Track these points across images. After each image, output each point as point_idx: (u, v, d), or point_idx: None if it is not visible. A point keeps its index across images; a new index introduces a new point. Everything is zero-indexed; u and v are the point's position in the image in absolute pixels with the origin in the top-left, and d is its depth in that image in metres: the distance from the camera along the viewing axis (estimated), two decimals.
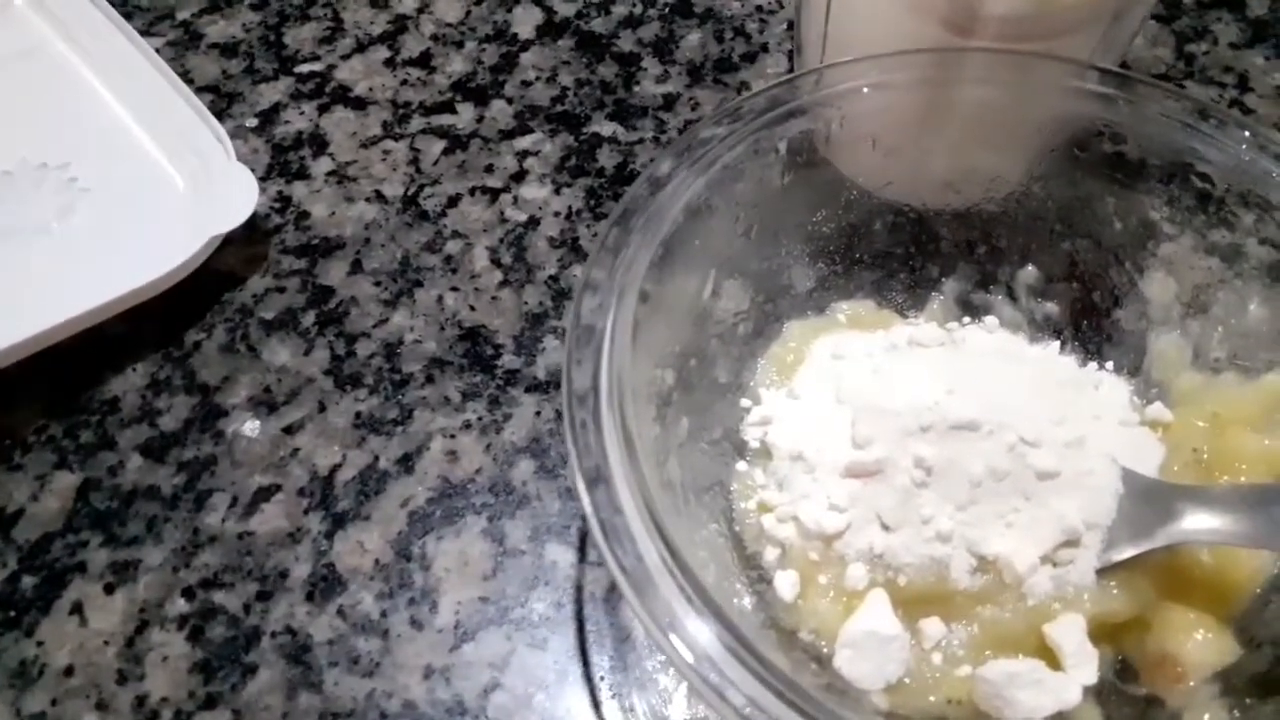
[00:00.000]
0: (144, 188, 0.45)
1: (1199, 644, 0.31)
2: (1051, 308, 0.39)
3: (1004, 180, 0.39)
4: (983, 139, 0.39)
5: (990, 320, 0.39)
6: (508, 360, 0.41)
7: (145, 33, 0.51)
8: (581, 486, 0.27)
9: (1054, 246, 0.39)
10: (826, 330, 0.38)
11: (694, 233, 0.34)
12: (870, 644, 0.30)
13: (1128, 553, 0.32)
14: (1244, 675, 0.30)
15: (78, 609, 0.35)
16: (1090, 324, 0.39)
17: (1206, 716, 0.29)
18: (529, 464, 0.39)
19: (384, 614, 0.35)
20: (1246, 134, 0.34)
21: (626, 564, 0.26)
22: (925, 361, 0.37)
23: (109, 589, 0.35)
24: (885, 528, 0.32)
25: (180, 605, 0.35)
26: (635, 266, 0.32)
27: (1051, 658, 0.31)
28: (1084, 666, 0.31)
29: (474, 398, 0.40)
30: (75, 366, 0.40)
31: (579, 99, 0.50)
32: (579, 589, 0.36)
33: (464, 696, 0.33)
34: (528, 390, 0.41)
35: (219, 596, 0.35)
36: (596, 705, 0.33)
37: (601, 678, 0.34)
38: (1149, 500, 0.32)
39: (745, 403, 0.37)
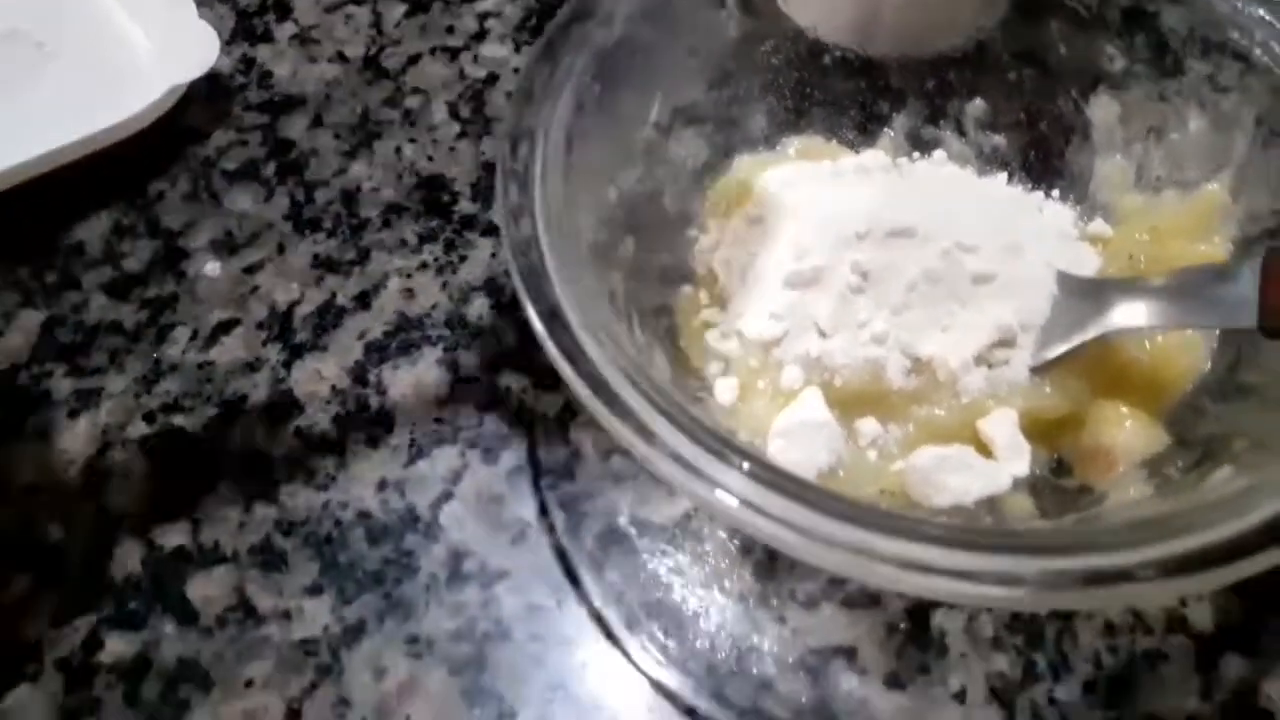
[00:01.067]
0: (110, 50, 0.45)
1: (1129, 432, 0.31)
2: (999, 140, 0.39)
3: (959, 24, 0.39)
4: None
5: (939, 154, 0.40)
6: (464, 206, 0.42)
7: None
8: (537, 321, 0.27)
9: (1001, 76, 0.39)
10: (776, 163, 0.39)
11: (633, 62, 0.34)
12: (802, 433, 0.31)
13: (1061, 348, 0.32)
14: (1173, 464, 0.31)
15: (42, 432, 0.36)
16: (1037, 155, 0.39)
17: (1131, 491, 0.30)
18: (484, 301, 0.39)
19: (340, 434, 0.36)
20: None
21: (585, 376, 0.26)
22: (871, 181, 0.37)
23: (73, 414, 0.36)
24: (822, 334, 0.33)
25: (141, 427, 0.36)
26: (565, 96, 0.32)
27: (986, 453, 0.32)
28: (1016, 459, 0.32)
29: (431, 240, 0.41)
30: (41, 215, 0.41)
31: None
32: (531, 411, 0.36)
33: (417, 506, 0.34)
34: (484, 234, 0.41)
35: (179, 419, 0.36)
36: (544, 512, 0.34)
37: (551, 486, 0.35)
38: (1082, 295, 0.33)
39: (692, 232, 0.38)
